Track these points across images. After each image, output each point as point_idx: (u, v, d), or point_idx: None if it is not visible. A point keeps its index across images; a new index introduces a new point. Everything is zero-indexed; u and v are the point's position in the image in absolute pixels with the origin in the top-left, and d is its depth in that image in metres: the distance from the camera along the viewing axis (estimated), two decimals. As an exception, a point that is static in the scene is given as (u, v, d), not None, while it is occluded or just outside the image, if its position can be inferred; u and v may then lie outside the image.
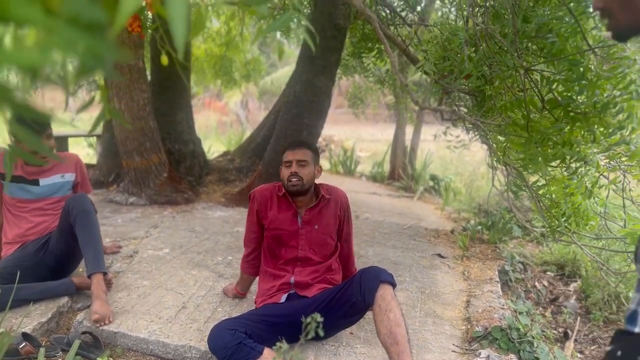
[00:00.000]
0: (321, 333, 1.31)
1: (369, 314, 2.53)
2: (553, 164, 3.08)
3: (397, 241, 4.84)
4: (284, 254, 2.69)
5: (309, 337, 1.33)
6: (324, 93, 5.50)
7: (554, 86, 2.92)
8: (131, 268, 3.60)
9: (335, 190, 2.83)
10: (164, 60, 1.25)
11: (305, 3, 5.96)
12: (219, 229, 4.76)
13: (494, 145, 4.14)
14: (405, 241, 4.87)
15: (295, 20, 0.86)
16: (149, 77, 5.94)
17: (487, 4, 3.29)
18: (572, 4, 2.98)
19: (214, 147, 10.39)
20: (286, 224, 2.69)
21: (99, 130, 7.06)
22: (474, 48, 3.53)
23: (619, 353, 1.21)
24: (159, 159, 5.49)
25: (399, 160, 8.83)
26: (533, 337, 2.82)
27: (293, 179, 2.61)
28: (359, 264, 3.07)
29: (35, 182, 3.19)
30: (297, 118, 5.50)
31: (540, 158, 2.82)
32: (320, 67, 5.39)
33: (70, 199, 3.03)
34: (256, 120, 12.65)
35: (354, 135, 17.03)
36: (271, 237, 2.72)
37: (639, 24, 1.19)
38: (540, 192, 3.81)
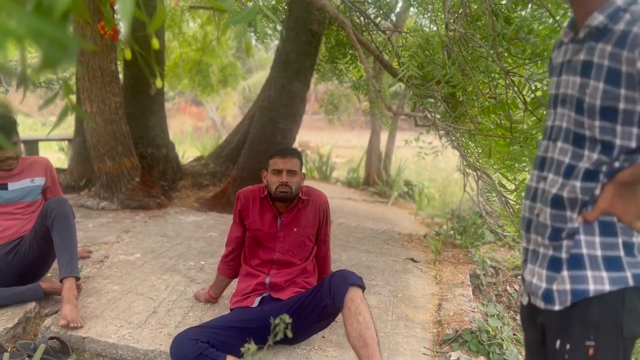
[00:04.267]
0: (290, 334, 1.32)
1: (340, 317, 2.54)
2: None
3: (371, 246, 4.87)
4: (262, 255, 2.71)
5: (278, 338, 1.33)
6: (298, 98, 5.51)
7: (534, 87, 2.98)
8: (101, 273, 3.55)
9: (314, 191, 2.84)
10: (127, 54, 1.25)
11: (280, 8, 5.98)
12: (192, 234, 4.72)
13: (465, 150, 4.20)
14: (379, 246, 4.89)
15: (260, 16, 0.87)
16: (121, 81, 5.87)
17: (461, 11, 3.34)
18: (549, 5, 3.04)
19: (188, 153, 10.31)
20: (265, 226, 2.72)
21: (71, 134, 6.96)
22: (447, 54, 3.59)
23: (559, 344, 1.31)
24: (131, 163, 5.43)
25: (373, 166, 8.89)
26: (503, 340, 2.86)
27: (282, 188, 2.62)
28: (333, 268, 3.07)
29: (4, 187, 3.12)
30: (271, 122, 5.50)
31: (525, 157, 2.87)
32: (295, 72, 5.40)
33: (50, 201, 2.99)
34: (232, 125, 12.64)
35: (330, 142, 17.06)
36: (250, 237, 2.75)
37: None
38: (511, 196, 3.87)
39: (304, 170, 2.85)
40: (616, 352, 1.25)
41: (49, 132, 1.01)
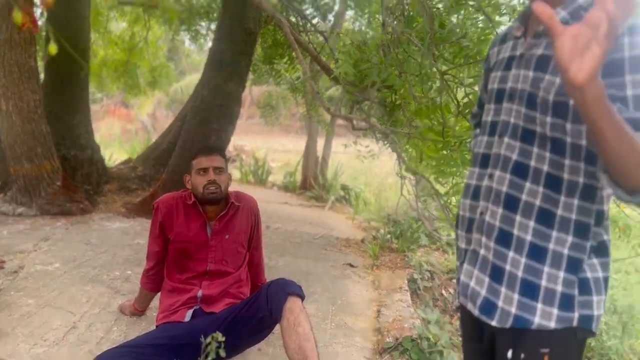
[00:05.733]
0: (222, 353, 1.17)
1: (277, 328, 2.40)
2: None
3: (309, 251, 4.75)
4: (192, 267, 2.50)
5: (209, 358, 1.18)
6: (233, 98, 5.34)
7: (466, 90, 2.96)
8: (15, 285, 3.23)
9: (244, 196, 2.69)
10: (52, 49, 1.08)
11: (214, 6, 5.79)
12: (118, 241, 4.43)
13: (403, 154, 4.17)
14: (317, 251, 4.79)
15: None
16: (42, 77, 5.48)
17: (398, 12, 3.30)
18: (488, 9, 3.02)
19: (116, 156, 9.84)
20: (194, 235, 2.50)
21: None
22: (384, 54, 3.55)
23: (511, 353, 1.24)
24: (51, 165, 5.05)
25: (310, 170, 8.81)
26: (443, 347, 2.81)
27: (211, 187, 2.43)
28: (270, 275, 2.93)
29: None
30: (205, 123, 5.29)
31: (457, 161, 2.83)
32: (230, 72, 5.23)
33: None
34: (164, 128, 12.13)
35: (266, 146, 16.87)
36: (177, 250, 2.51)
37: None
38: (450, 198, 3.86)
39: (233, 174, 2.71)
40: (570, 356, 1.20)
41: None
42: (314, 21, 5.24)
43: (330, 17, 5.51)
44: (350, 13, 5.91)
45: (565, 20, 1.18)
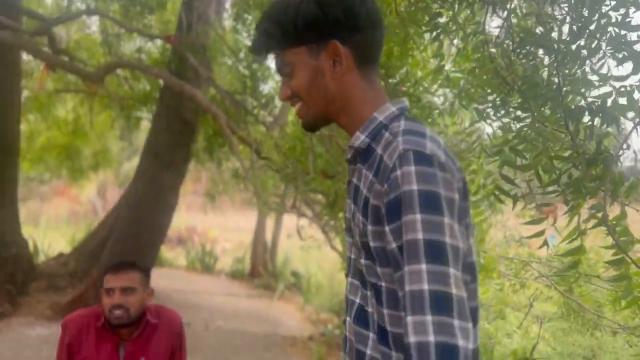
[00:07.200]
0: None
1: None
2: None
3: (250, 356, 4.40)
4: None
5: None
6: (169, 190, 5.11)
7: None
8: None
9: (166, 312, 2.38)
10: None
11: (153, 95, 5.66)
12: (35, 352, 3.98)
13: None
14: (259, 355, 4.45)
15: None
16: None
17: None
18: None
19: (55, 245, 9.28)
20: None
21: None
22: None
23: None
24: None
25: (259, 256, 8.50)
26: None
27: (116, 311, 2.14)
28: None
29: None
30: (139, 218, 5.01)
31: None
32: (166, 162, 5.03)
33: None
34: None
35: (220, 224, 16.42)
36: None
37: (325, 112, 1.11)
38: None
39: (179, 260, 2.41)
40: None
41: None
42: (255, 111, 5.12)
43: (275, 108, 5.41)
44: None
45: (366, 143, 1.06)
